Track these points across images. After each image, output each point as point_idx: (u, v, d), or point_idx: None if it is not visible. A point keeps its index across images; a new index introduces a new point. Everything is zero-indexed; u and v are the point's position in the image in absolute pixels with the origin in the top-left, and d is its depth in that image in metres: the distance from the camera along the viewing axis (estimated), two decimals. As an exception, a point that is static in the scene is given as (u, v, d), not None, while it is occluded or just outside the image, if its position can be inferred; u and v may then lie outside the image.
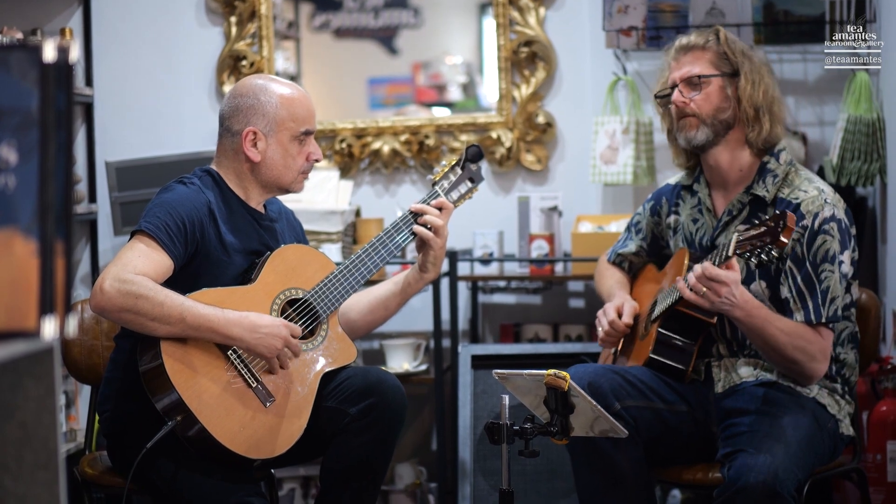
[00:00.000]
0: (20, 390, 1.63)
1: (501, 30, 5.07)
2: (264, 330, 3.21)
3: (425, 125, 5.19)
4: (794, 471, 3.19)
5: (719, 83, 3.53)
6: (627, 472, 3.37)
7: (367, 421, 3.29)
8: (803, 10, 4.63)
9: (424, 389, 5.03)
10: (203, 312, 3.17)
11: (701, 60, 3.55)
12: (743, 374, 3.48)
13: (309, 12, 5.48)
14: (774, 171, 3.51)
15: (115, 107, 5.25)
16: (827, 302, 3.38)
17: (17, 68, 1.57)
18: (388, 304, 3.60)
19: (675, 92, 3.57)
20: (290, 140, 3.39)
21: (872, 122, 4.41)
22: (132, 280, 3.11)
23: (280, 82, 3.45)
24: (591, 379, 3.37)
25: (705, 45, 3.56)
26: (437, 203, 3.50)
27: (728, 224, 3.54)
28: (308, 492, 5.01)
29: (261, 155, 3.38)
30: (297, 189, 3.47)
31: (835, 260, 3.39)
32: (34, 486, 1.64)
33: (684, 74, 3.56)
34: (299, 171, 3.43)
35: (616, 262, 3.90)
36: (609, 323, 3.63)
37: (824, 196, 3.44)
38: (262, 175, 3.40)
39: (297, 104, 3.40)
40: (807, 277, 3.39)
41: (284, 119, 3.37)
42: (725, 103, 3.53)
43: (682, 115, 3.56)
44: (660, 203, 3.78)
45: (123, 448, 3.31)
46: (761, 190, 3.50)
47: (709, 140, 3.54)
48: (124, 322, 3.18)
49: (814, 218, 3.40)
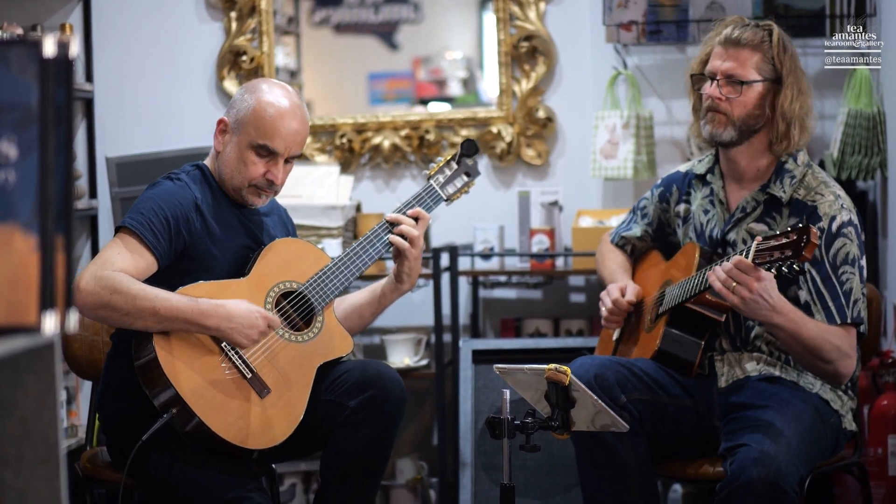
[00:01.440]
0: (20, 385, 1.63)
1: (501, 24, 5.07)
2: (238, 320, 3.20)
3: (425, 120, 5.19)
4: (796, 465, 3.19)
5: (760, 90, 3.44)
6: (631, 466, 3.36)
7: (365, 414, 3.29)
8: (803, 4, 4.63)
9: (425, 384, 5.03)
10: (176, 305, 3.16)
11: (749, 61, 3.44)
12: (747, 369, 3.47)
13: (309, 7, 5.48)
14: (792, 171, 3.48)
15: (116, 102, 5.25)
16: (851, 303, 3.35)
17: (17, 64, 1.57)
18: (362, 312, 3.57)
19: (713, 84, 3.47)
20: (247, 146, 3.34)
21: (873, 115, 4.41)
22: (107, 276, 3.11)
23: (277, 90, 3.38)
24: (597, 371, 3.36)
25: (758, 45, 3.45)
26: (413, 213, 3.48)
27: (741, 220, 3.51)
28: (309, 486, 5.01)
29: (221, 147, 3.38)
30: (248, 200, 3.38)
31: (855, 263, 3.37)
32: (34, 482, 1.64)
33: (728, 70, 3.45)
34: (249, 181, 3.35)
35: (619, 245, 3.87)
36: (613, 302, 3.61)
37: (841, 201, 3.42)
38: (219, 168, 3.39)
39: (269, 118, 3.32)
40: (827, 279, 3.36)
41: (247, 123, 3.33)
42: (759, 111, 3.44)
43: (713, 108, 3.47)
44: (669, 190, 3.75)
45: (122, 443, 3.32)
46: (778, 190, 3.47)
47: (733, 140, 3.48)
48: (102, 319, 3.20)
49: (831, 221, 3.38)
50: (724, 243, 3.53)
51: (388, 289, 3.52)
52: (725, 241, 3.53)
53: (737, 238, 3.51)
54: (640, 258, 3.86)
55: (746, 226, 3.50)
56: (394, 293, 3.51)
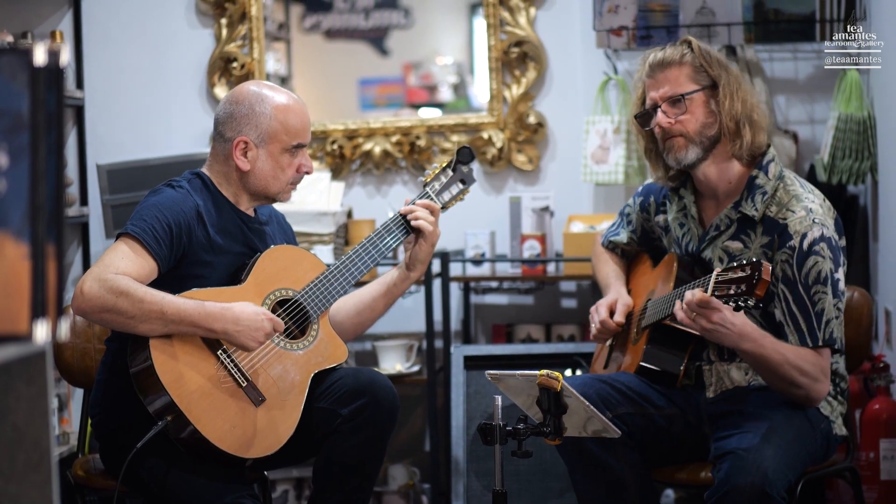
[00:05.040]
0: (12, 393, 1.63)
1: (492, 30, 5.07)
2: (246, 322, 3.20)
3: (416, 126, 5.19)
4: (784, 471, 3.19)
5: (702, 98, 3.45)
6: (628, 479, 3.37)
7: (358, 421, 3.29)
8: (794, 8, 4.63)
9: (417, 390, 5.03)
10: (183, 307, 3.17)
11: (680, 77, 3.45)
12: (735, 379, 3.47)
13: (299, 13, 5.48)
14: (763, 186, 3.45)
15: (106, 109, 5.24)
16: (822, 324, 3.33)
17: (8, 71, 1.57)
18: (374, 305, 3.59)
19: (658, 113, 3.47)
20: (280, 152, 3.37)
21: (863, 120, 4.41)
22: (112, 279, 3.11)
23: (277, 91, 3.42)
24: (580, 391, 3.36)
25: (682, 60, 3.46)
26: (423, 204, 3.50)
27: (715, 238, 3.50)
28: (301, 493, 5.01)
29: (250, 164, 3.38)
30: (284, 199, 3.45)
31: (828, 281, 3.34)
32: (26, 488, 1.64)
33: (665, 94, 3.46)
34: (288, 182, 3.41)
35: (609, 248, 3.88)
36: (601, 322, 3.63)
37: (812, 216, 3.37)
38: (249, 184, 3.40)
39: (292, 116, 3.39)
40: (799, 300, 3.34)
41: (277, 131, 3.36)
42: (711, 118, 3.45)
43: (668, 135, 3.47)
44: (648, 200, 3.75)
45: (116, 450, 3.31)
46: (750, 209, 3.44)
47: (699, 158, 3.47)
48: (105, 322, 3.19)
49: (802, 238, 3.35)
50: (700, 260, 3.53)
51: (398, 278, 3.54)
52: (701, 259, 3.52)
53: (712, 256, 3.50)
54: (633, 262, 3.86)
55: (722, 244, 3.49)
56: (404, 282, 3.54)
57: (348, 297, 3.57)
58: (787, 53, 4.76)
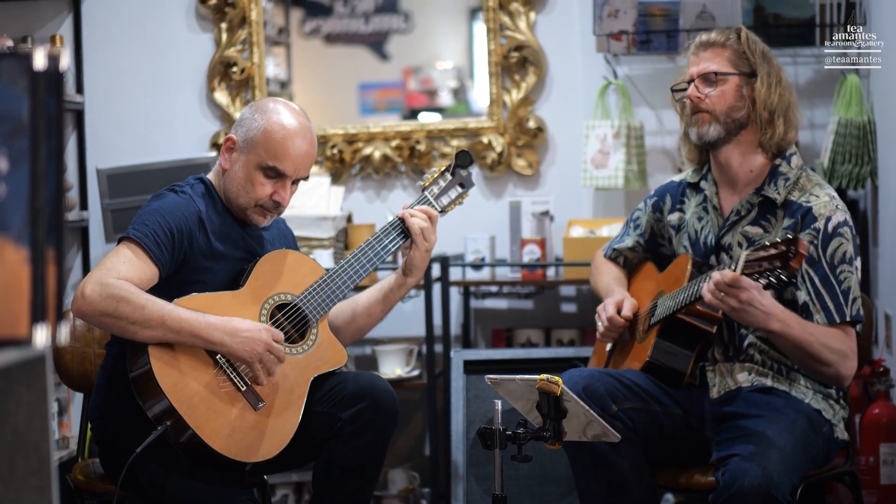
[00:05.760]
0: (12, 397, 1.63)
1: (492, 34, 5.07)
2: (245, 334, 3.21)
3: (416, 130, 5.19)
4: (788, 475, 3.19)
5: (736, 82, 3.52)
6: (629, 476, 3.37)
7: (358, 425, 3.29)
8: (793, 13, 4.63)
9: (417, 395, 5.03)
10: (184, 317, 3.17)
11: (719, 57, 3.54)
12: (739, 380, 3.47)
13: (299, 18, 5.49)
14: (786, 174, 3.50)
15: (106, 114, 5.25)
16: (850, 301, 3.37)
17: (7, 76, 1.57)
18: (371, 311, 3.58)
19: (690, 87, 3.56)
20: (255, 166, 3.34)
21: (863, 124, 4.41)
22: (114, 284, 3.11)
23: (290, 114, 3.38)
24: (586, 383, 3.37)
25: (725, 43, 3.55)
26: (422, 209, 3.50)
27: (735, 224, 3.53)
28: (301, 497, 5.00)
29: (229, 165, 3.38)
30: (253, 220, 3.39)
31: (852, 262, 3.40)
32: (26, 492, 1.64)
33: (701, 70, 3.55)
34: (256, 201, 3.36)
35: (612, 258, 3.88)
36: (608, 319, 3.63)
37: (836, 202, 3.44)
38: (225, 186, 3.39)
39: (280, 140, 3.33)
40: (825, 279, 3.38)
41: (258, 143, 3.34)
42: (740, 102, 3.52)
43: (695, 109, 3.55)
44: (663, 199, 3.77)
45: (115, 455, 3.31)
46: (772, 192, 3.49)
47: (720, 137, 3.52)
48: (105, 326, 3.19)
49: (826, 221, 3.40)
50: (718, 248, 3.54)
51: (396, 284, 3.52)
52: (720, 246, 3.54)
53: (732, 241, 3.52)
54: (634, 270, 3.86)
55: (741, 229, 3.51)
56: (401, 288, 3.52)
57: (346, 302, 3.56)
58: (786, 58, 4.76)
